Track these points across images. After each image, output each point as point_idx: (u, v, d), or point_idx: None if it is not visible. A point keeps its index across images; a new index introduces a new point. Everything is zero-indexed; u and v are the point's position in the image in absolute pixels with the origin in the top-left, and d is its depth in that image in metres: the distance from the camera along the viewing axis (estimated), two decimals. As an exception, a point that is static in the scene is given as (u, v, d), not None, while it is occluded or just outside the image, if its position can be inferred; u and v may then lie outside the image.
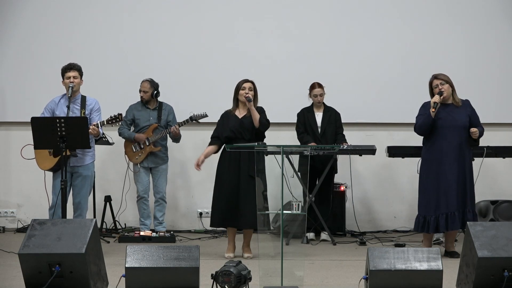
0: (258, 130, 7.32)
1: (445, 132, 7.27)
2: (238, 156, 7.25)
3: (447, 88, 7.27)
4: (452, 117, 7.28)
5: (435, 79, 7.32)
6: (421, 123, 7.33)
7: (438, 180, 7.27)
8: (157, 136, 8.53)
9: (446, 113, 7.29)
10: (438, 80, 7.29)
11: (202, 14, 9.38)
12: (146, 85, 8.60)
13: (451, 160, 7.25)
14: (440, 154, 7.28)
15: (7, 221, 9.47)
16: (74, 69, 7.44)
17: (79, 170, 7.45)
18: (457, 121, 7.27)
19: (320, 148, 8.25)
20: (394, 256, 5.29)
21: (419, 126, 7.37)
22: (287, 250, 6.90)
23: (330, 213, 8.60)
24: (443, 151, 7.27)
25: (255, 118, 7.29)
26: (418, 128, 7.38)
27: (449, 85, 7.28)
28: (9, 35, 9.36)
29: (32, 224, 5.42)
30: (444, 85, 7.26)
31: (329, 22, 9.40)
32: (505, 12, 9.42)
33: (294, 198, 8.10)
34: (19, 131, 9.12)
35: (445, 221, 7.23)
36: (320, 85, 8.59)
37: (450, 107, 7.32)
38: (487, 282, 5.18)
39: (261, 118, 7.31)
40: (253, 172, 7.16)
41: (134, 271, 5.26)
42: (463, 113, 7.31)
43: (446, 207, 7.23)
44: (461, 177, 7.26)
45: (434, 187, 7.29)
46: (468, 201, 7.28)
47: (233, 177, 7.28)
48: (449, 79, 7.29)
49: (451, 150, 7.26)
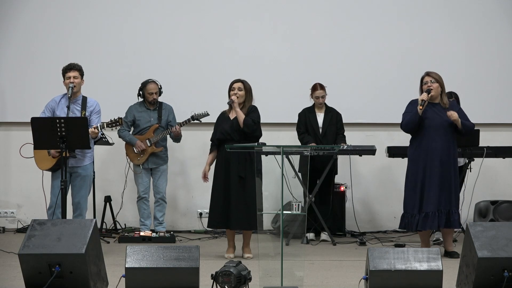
0: (243, 131, 7.29)
1: (432, 132, 7.26)
2: (228, 158, 7.26)
3: (436, 88, 7.25)
4: (440, 117, 7.26)
5: (426, 76, 7.31)
6: (407, 120, 7.32)
7: (422, 179, 7.27)
8: (158, 136, 8.53)
9: (433, 113, 7.28)
10: (429, 77, 7.28)
11: (202, 14, 9.38)
12: (154, 87, 8.58)
13: (436, 160, 7.24)
14: (425, 153, 7.28)
15: (7, 221, 9.47)
16: (75, 69, 7.44)
17: (78, 170, 7.45)
18: (443, 121, 7.25)
19: (320, 148, 8.25)
20: (394, 256, 5.29)
21: (405, 123, 7.36)
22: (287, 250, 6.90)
23: (330, 214, 8.60)
24: (429, 151, 7.27)
25: (239, 119, 7.29)
26: (405, 125, 7.37)
27: (439, 85, 7.26)
28: (9, 35, 9.36)
29: (32, 225, 5.42)
30: (434, 83, 7.25)
31: (329, 23, 9.40)
32: (505, 12, 9.43)
33: (294, 198, 8.11)
34: (19, 131, 9.11)
35: (422, 220, 7.24)
36: (322, 86, 8.59)
37: (437, 106, 7.30)
38: (487, 282, 5.18)
39: (246, 119, 7.27)
40: (242, 172, 7.17)
41: (134, 271, 5.26)
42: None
43: (426, 206, 7.23)
44: (446, 177, 7.24)
45: (418, 187, 7.30)
46: (453, 201, 7.27)
47: (224, 178, 7.29)
48: (441, 79, 7.28)
49: (436, 150, 7.25)
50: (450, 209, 7.25)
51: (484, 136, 7.92)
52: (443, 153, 7.25)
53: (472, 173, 8.36)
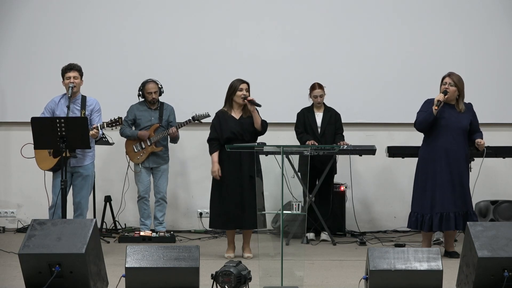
0: (258, 131, 7.33)
1: (447, 132, 7.26)
2: (239, 157, 7.23)
3: (452, 91, 7.23)
4: (456, 118, 7.27)
5: (447, 77, 7.28)
6: (421, 119, 7.32)
7: (434, 179, 7.27)
8: (158, 136, 8.53)
9: (449, 114, 7.28)
10: (449, 79, 7.26)
11: (203, 14, 9.38)
12: (153, 86, 8.58)
13: (448, 160, 7.25)
14: (438, 153, 7.28)
15: (7, 221, 9.46)
16: (74, 70, 7.44)
17: (79, 170, 7.45)
18: (459, 123, 7.26)
19: (320, 148, 8.25)
20: (394, 256, 5.30)
21: (419, 122, 7.35)
22: (287, 250, 6.90)
23: (330, 213, 8.60)
24: (442, 151, 7.27)
25: (256, 121, 7.28)
26: (419, 124, 7.36)
27: (456, 89, 7.24)
28: (9, 35, 9.35)
29: (32, 224, 5.42)
30: (452, 87, 7.24)
31: (329, 23, 9.40)
32: (505, 12, 9.42)
33: (294, 198, 8.11)
34: (19, 131, 9.11)
35: (438, 221, 7.24)
36: (320, 86, 8.59)
37: (453, 108, 7.32)
38: (487, 282, 5.18)
39: (262, 120, 7.32)
40: (253, 172, 7.16)
41: (134, 271, 5.26)
42: (466, 116, 7.30)
43: (441, 207, 7.23)
44: (457, 178, 7.25)
45: (430, 186, 7.29)
46: (468, 203, 7.30)
47: (235, 178, 7.26)
48: (460, 83, 7.23)
49: (449, 150, 7.26)
50: (468, 210, 7.26)
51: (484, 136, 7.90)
52: (456, 154, 7.26)
53: (472, 173, 8.34)
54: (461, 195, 7.26)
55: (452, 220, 7.21)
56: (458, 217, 7.23)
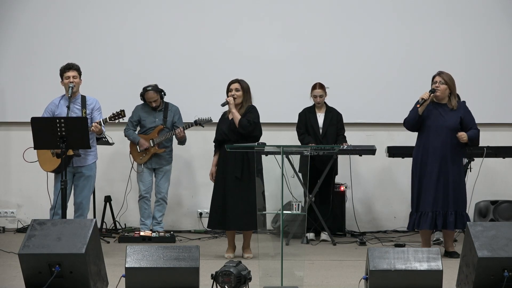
0: (238, 131, 7.25)
1: (431, 132, 7.26)
2: (225, 158, 7.25)
3: (443, 89, 7.24)
4: (443, 118, 7.25)
5: (437, 76, 7.30)
6: (407, 117, 7.37)
7: (420, 179, 7.28)
8: (162, 137, 8.52)
9: (437, 113, 7.27)
10: (439, 77, 7.28)
11: (203, 14, 9.38)
12: (152, 96, 8.54)
13: (434, 160, 7.24)
14: (426, 154, 7.29)
15: (7, 221, 9.46)
16: (73, 69, 7.43)
17: (82, 170, 7.45)
18: (446, 122, 7.23)
19: (320, 148, 8.24)
20: (394, 256, 5.29)
21: (406, 120, 7.41)
22: (287, 250, 6.90)
23: (330, 214, 8.60)
24: (429, 152, 7.27)
25: (234, 120, 7.27)
26: (406, 122, 7.42)
27: (447, 86, 7.25)
28: (9, 35, 9.35)
29: (32, 224, 5.42)
30: (442, 85, 7.24)
31: (329, 23, 9.40)
32: (505, 12, 9.42)
33: (294, 198, 8.11)
34: (19, 131, 9.12)
35: (418, 219, 7.24)
36: (321, 86, 8.58)
37: (443, 107, 7.29)
38: (487, 282, 5.18)
39: (241, 120, 7.23)
40: (238, 173, 7.16)
41: (134, 271, 5.26)
42: (455, 115, 7.27)
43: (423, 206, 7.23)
44: (444, 178, 7.22)
45: (416, 186, 7.31)
46: (450, 203, 7.24)
47: (222, 179, 7.29)
48: (450, 81, 7.24)
49: (436, 150, 7.24)
50: (448, 211, 7.24)
51: (484, 136, 7.90)
52: (442, 154, 7.24)
53: (472, 173, 8.35)
54: (444, 195, 7.21)
55: (428, 219, 7.20)
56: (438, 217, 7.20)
